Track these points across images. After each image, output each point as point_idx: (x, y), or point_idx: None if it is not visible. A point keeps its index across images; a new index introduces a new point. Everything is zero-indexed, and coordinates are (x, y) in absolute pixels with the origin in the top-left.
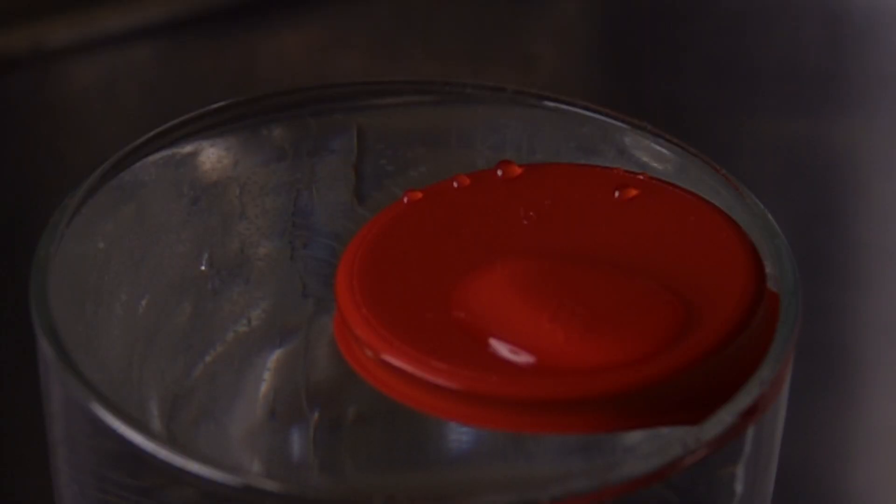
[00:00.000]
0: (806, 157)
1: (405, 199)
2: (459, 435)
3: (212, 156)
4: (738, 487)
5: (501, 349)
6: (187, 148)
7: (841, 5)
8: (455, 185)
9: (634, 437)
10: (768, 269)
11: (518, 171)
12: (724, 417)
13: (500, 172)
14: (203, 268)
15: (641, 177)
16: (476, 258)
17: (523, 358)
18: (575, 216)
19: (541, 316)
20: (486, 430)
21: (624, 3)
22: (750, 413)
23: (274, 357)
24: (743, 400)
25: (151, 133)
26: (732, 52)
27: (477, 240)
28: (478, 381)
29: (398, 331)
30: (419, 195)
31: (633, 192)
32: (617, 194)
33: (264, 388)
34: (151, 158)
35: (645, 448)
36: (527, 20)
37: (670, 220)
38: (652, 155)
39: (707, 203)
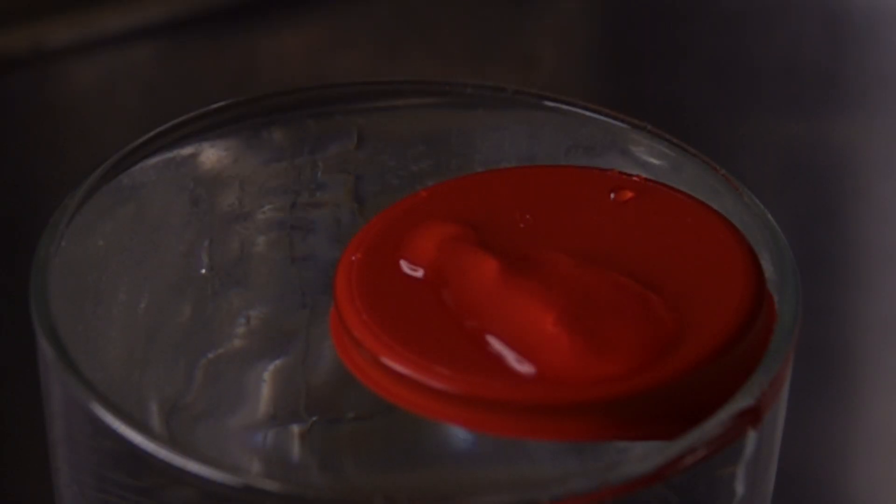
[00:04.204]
0: (806, 157)
1: (405, 200)
2: (458, 435)
3: (212, 156)
4: (739, 488)
5: (501, 355)
6: (187, 148)
7: (841, 5)
8: (454, 187)
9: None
10: (768, 270)
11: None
12: (725, 418)
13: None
14: (203, 269)
15: (637, 178)
16: (475, 261)
17: (524, 363)
18: (572, 219)
19: (541, 321)
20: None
21: (624, 3)
22: (750, 414)
23: (273, 358)
24: (743, 401)
25: (151, 133)
26: (732, 52)
27: (476, 242)
28: (480, 387)
29: (397, 334)
30: (419, 196)
31: (630, 195)
32: (613, 196)
33: (264, 389)
34: (151, 159)
35: (645, 448)
36: (527, 20)
37: (668, 222)
38: (652, 155)
39: (705, 206)
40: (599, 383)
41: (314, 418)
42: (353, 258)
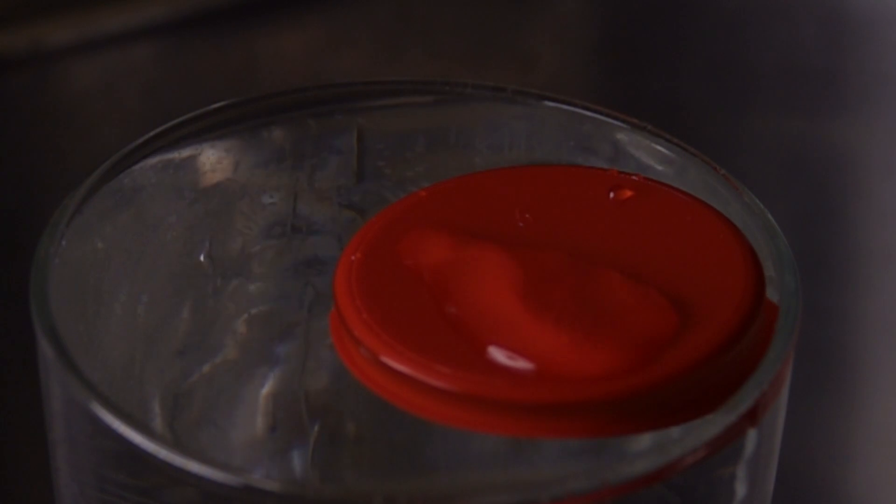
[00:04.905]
0: (806, 157)
1: (405, 199)
2: (460, 440)
3: (212, 156)
4: (739, 488)
5: (501, 353)
6: (187, 148)
7: (841, 5)
8: (453, 186)
9: (636, 441)
10: (768, 270)
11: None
12: (725, 417)
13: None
14: (203, 268)
15: (636, 177)
16: (475, 260)
17: (524, 362)
18: (571, 218)
19: (540, 320)
20: (487, 435)
21: (624, 3)
22: (750, 413)
23: (273, 358)
24: (743, 401)
25: (151, 133)
26: (732, 52)
27: (475, 241)
28: (480, 385)
29: (397, 333)
30: (419, 195)
31: (629, 194)
32: (612, 195)
33: (265, 388)
34: (152, 158)
35: (644, 449)
36: (527, 20)
37: (667, 221)
38: (651, 155)
39: (704, 204)
40: (599, 382)
41: (314, 418)
42: (353, 258)
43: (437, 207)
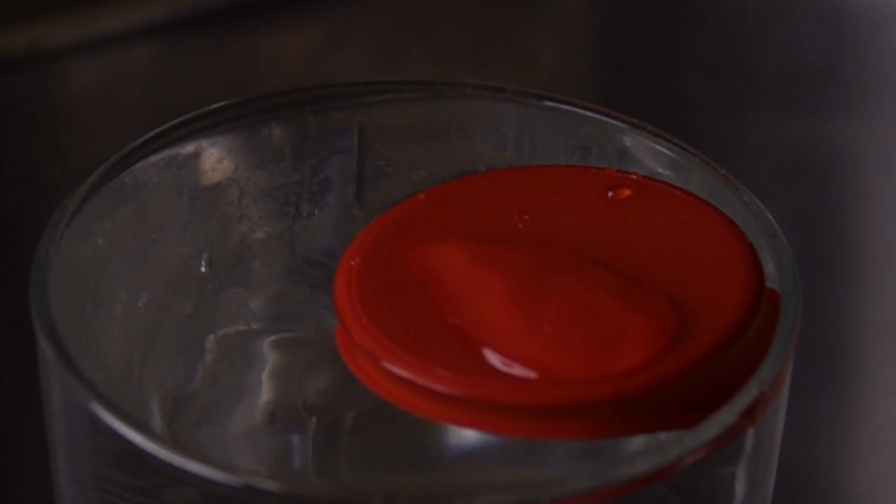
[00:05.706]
0: (806, 157)
1: (404, 203)
2: (461, 438)
3: (212, 156)
4: (739, 488)
5: (501, 356)
6: (187, 149)
7: (841, 5)
8: (452, 188)
9: (639, 442)
10: (768, 269)
11: (512, 174)
12: (724, 417)
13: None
14: (202, 268)
15: (635, 176)
16: (474, 263)
17: (523, 364)
18: (570, 218)
19: (540, 322)
20: (487, 436)
21: (624, 3)
22: (750, 413)
23: (273, 358)
24: (743, 400)
25: (151, 133)
26: (732, 52)
27: (475, 243)
28: (479, 387)
29: (398, 337)
30: (418, 199)
31: (628, 193)
32: (611, 195)
33: (264, 389)
34: (152, 159)
35: (645, 448)
36: (527, 20)
37: (667, 220)
38: (652, 155)
39: (703, 202)
40: (599, 382)
41: (314, 419)
42: (352, 263)
43: (437, 210)
